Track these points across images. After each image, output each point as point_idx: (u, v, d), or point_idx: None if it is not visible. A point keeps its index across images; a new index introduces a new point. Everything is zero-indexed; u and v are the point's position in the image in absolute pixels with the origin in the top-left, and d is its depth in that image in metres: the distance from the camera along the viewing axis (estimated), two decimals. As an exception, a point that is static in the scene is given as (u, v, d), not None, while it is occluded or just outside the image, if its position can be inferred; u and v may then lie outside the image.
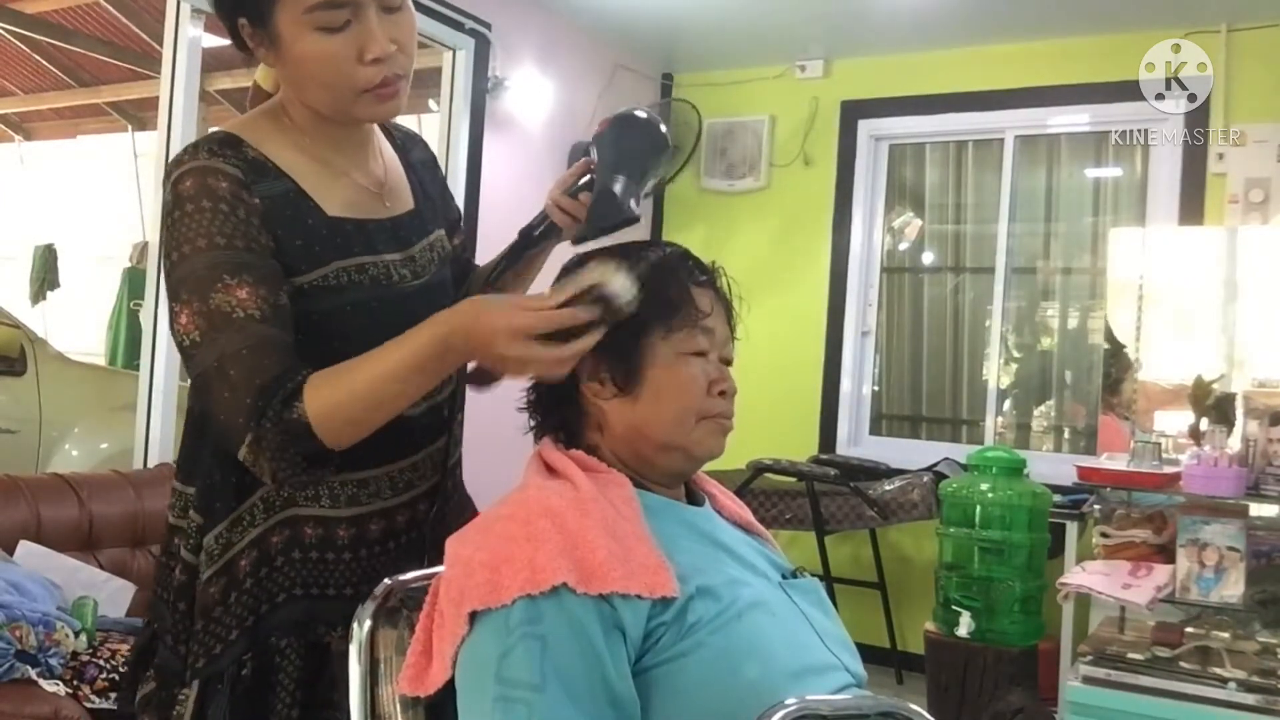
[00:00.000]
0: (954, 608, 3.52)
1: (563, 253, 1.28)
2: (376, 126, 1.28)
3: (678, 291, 1.13)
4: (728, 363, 1.18)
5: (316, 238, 1.16)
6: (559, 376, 1.09)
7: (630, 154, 1.27)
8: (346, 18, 1.11)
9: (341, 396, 1.06)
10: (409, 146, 1.35)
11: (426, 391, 1.12)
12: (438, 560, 1.09)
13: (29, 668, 2.12)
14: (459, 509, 1.32)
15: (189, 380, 1.13)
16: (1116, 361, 3.68)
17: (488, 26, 4.01)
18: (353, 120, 1.20)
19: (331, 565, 1.18)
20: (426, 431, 1.25)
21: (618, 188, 1.24)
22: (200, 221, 1.08)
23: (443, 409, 1.27)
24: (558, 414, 1.16)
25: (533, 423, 1.19)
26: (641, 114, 1.30)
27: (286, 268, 1.13)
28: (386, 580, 1.14)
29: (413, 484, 1.23)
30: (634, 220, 1.24)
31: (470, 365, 1.15)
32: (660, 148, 1.31)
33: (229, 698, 1.13)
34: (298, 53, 1.12)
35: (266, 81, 1.27)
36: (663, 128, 1.31)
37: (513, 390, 1.21)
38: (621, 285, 1.07)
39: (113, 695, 2.23)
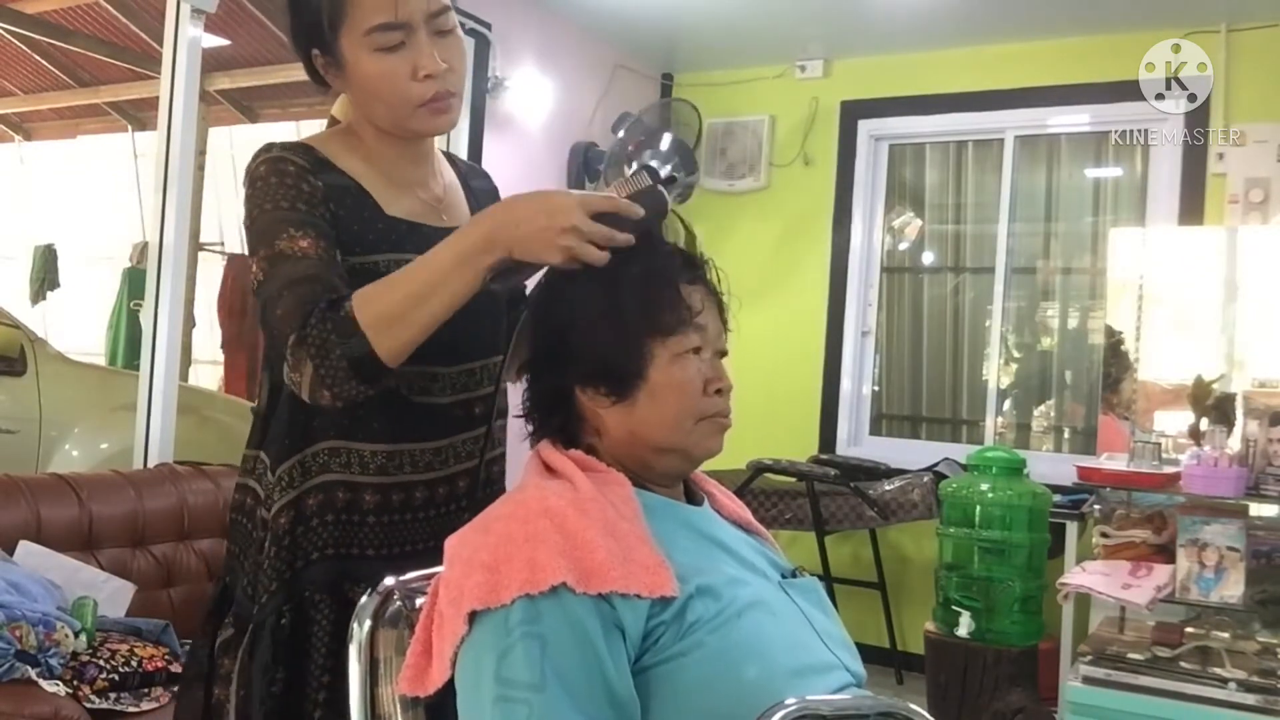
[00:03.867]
0: (954, 608, 3.52)
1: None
2: (440, 154, 1.42)
3: (670, 294, 1.12)
4: (722, 355, 1.17)
5: (372, 228, 1.27)
6: (586, 256, 1.10)
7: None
8: (400, 39, 1.23)
9: (386, 291, 1.15)
10: (471, 175, 1.48)
11: (471, 289, 1.15)
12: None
13: (29, 668, 2.11)
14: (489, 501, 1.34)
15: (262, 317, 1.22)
16: (1116, 361, 3.68)
17: (488, 26, 4.01)
18: (411, 134, 1.31)
19: (358, 527, 1.28)
20: (454, 422, 1.33)
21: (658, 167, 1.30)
22: (268, 191, 1.23)
23: (474, 405, 1.34)
24: (556, 418, 1.16)
25: (531, 427, 1.19)
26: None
27: (341, 245, 1.24)
28: (387, 580, 1.15)
29: (433, 466, 1.31)
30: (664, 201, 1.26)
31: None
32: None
33: (270, 643, 1.24)
34: (360, 73, 1.26)
35: (341, 113, 1.44)
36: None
37: (516, 391, 1.22)
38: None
39: (113, 695, 2.24)
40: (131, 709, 2.23)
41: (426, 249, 1.25)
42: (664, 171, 1.29)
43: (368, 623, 1.12)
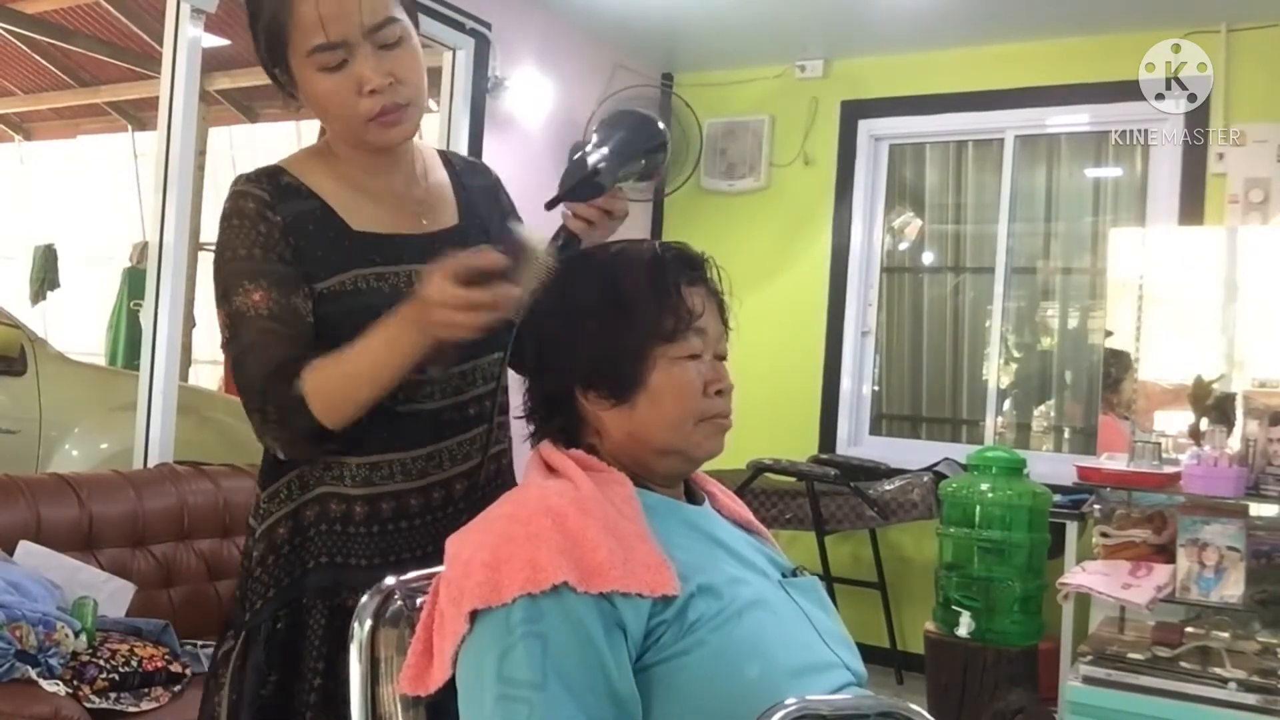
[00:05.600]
0: (954, 608, 3.52)
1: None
2: (434, 153, 1.44)
3: (671, 298, 1.12)
4: (721, 358, 1.17)
5: (337, 249, 1.29)
6: (481, 323, 1.12)
7: (619, 139, 1.32)
8: (342, 57, 1.25)
9: (331, 373, 1.20)
10: (467, 173, 1.48)
11: (403, 368, 1.20)
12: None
13: (29, 668, 2.11)
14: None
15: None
16: (1116, 361, 3.68)
17: (488, 26, 4.01)
18: (369, 146, 1.32)
19: (352, 537, 1.30)
20: (445, 426, 1.33)
21: (592, 158, 1.27)
22: (230, 236, 1.28)
23: (468, 407, 1.34)
24: (556, 420, 1.16)
25: (531, 428, 1.19)
26: (640, 109, 1.37)
27: (308, 275, 1.27)
28: (388, 579, 1.15)
29: (426, 472, 1.32)
30: (599, 188, 1.27)
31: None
32: (651, 136, 1.34)
33: (264, 649, 1.27)
34: (310, 91, 1.29)
35: None
36: (659, 123, 1.36)
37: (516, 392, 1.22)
38: (539, 240, 1.15)
39: (113, 695, 2.24)
40: (131, 709, 2.23)
41: (397, 258, 1.30)
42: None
43: (368, 622, 1.12)
